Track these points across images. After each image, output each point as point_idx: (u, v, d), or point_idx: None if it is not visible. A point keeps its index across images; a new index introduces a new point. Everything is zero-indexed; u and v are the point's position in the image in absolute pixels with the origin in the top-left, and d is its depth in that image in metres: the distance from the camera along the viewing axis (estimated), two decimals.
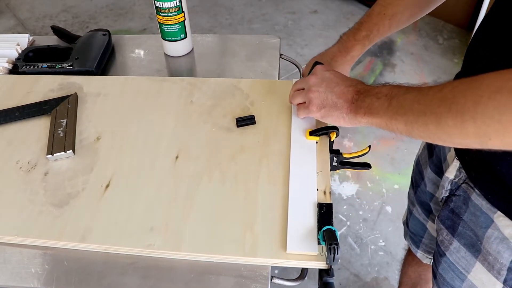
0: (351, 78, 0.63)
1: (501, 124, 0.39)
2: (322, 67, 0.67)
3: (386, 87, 0.55)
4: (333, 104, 0.61)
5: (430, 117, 0.46)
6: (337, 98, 0.61)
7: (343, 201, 1.65)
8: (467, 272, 0.63)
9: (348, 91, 0.60)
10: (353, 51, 0.74)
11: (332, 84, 0.62)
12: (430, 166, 0.74)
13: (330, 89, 0.62)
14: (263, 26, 2.59)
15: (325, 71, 0.65)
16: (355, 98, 0.59)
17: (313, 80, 0.64)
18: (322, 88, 0.62)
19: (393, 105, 0.53)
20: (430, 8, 0.73)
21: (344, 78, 0.63)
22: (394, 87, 0.54)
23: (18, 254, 0.60)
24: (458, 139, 0.45)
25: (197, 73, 0.91)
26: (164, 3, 0.84)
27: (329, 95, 0.62)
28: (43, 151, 0.71)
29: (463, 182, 0.62)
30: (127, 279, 0.56)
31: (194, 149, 0.70)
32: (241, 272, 0.56)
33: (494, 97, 0.39)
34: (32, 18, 2.75)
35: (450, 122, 0.44)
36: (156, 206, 0.62)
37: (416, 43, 2.35)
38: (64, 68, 0.87)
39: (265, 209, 0.61)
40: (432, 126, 0.47)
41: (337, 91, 0.61)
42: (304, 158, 0.66)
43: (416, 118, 0.49)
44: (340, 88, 0.61)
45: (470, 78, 0.43)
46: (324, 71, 0.65)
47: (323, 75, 0.64)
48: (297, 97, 0.68)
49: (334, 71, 0.65)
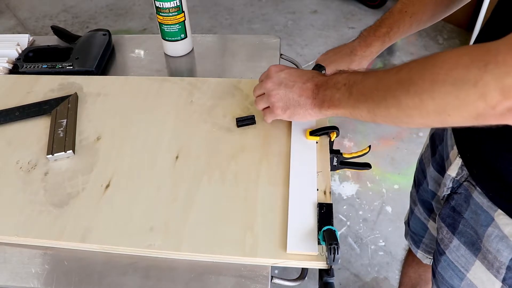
0: (306, 71, 0.64)
1: (458, 100, 0.40)
2: (275, 68, 0.66)
3: (342, 76, 0.56)
4: (296, 103, 0.61)
5: (390, 101, 0.47)
6: (298, 96, 0.61)
7: (343, 201, 1.65)
8: (466, 271, 0.63)
9: (307, 87, 0.60)
10: (373, 47, 0.74)
11: (290, 84, 0.62)
12: (432, 165, 0.74)
13: (289, 89, 0.62)
14: (263, 26, 2.59)
15: (278, 71, 0.65)
16: (315, 92, 0.59)
17: (270, 85, 0.64)
18: (281, 90, 0.62)
19: (353, 94, 0.53)
20: (452, 9, 0.72)
21: (299, 73, 0.63)
22: (350, 75, 0.55)
23: (18, 254, 0.60)
24: (419, 119, 0.46)
25: (197, 73, 0.91)
26: (164, 3, 0.84)
27: (290, 95, 0.62)
28: (43, 151, 0.71)
29: (464, 180, 0.62)
30: (127, 279, 0.56)
31: (194, 149, 0.70)
32: (241, 272, 0.56)
33: (450, 73, 0.40)
34: (32, 18, 2.75)
35: (410, 103, 0.45)
36: (156, 206, 0.62)
37: (416, 43, 2.35)
38: (64, 68, 0.87)
39: (265, 209, 0.61)
40: (393, 110, 0.47)
41: (296, 89, 0.61)
42: (304, 158, 0.66)
43: (378, 104, 0.49)
44: (299, 85, 0.61)
45: (424, 58, 0.44)
46: (278, 72, 0.64)
47: (278, 77, 0.64)
48: (260, 102, 0.67)
49: (287, 70, 0.65)
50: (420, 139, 1.80)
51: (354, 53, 0.75)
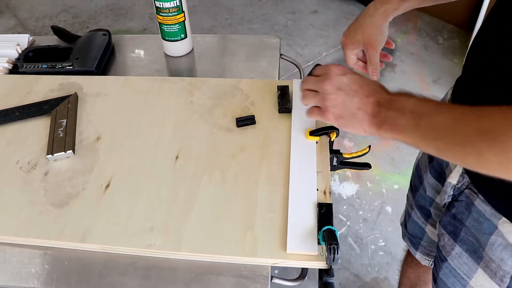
0: (369, 81, 0.58)
1: None
2: (337, 70, 0.60)
3: (410, 102, 0.50)
4: (352, 115, 0.56)
5: (468, 149, 0.43)
6: (356, 109, 0.55)
7: (343, 201, 1.65)
8: (468, 278, 0.62)
9: (368, 102, 0.54)
10: (389, 3, 0.68)
11: (351, 92, 0.56)
12: (430, 171, 0.73)
13: (348, 98, 0.56)
14: (263, 26, 2.59)
15: (341, 75, 0.58)
16: (376, 111, 0.53)
17: (329, 87, 0.58)
18: (339, 97, 0.57)
19: (422, 125, 0.48)
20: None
21: (362, 83, 0.57)
22: (419, 102, 0.49)
23: (18, 254, 0.60)
24: (500, 173, 0.42)
25: (197, 73, 0.91)
26: (164, 3, 0.84)
27: (348, 104, 0.56)
28: (43, 151, 0.71)
29: (466, 188, 0.61)
30: (127, 279, 0.56)
31: (194, 149, 0.70)
32: (241, 272, 0.56)
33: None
34: (32, 18, 2.74)
35: (492, 158, 0.41)
36: (156, 206, 0.62)
37: (416, 43, 2.35)
38: (64, 68, 0.87)
39: (265, 209, 0.61)
40: (470, 159, 0.44)
41: (356, 101, 0.56)
42: (304, 158, 0.66)
43: (451, 147, 0.45)
44: (359, 97, 0.55)
45: (508, 107, 0.40)
46: (340, 76, 0.58)
47: (339, 81, 0.58)
48: (309, 99, 0.62)
49: (350, 75, 0.59)
50: None
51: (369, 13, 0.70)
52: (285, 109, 0.74)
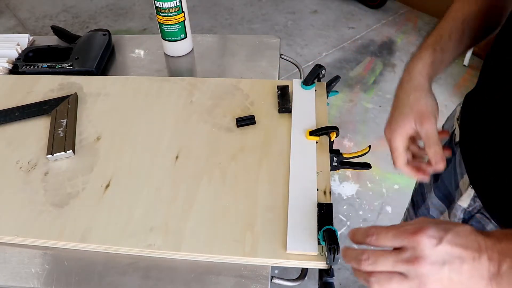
0: (466, 233, 0.41)
1: None
2: (429, 241, 0.41)
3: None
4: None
5: None
6: (468, 278, 0.40)
7: (343, 201, 1.65)
8: None
9: (481, 263, 0.40)
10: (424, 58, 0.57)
11: (456, 261, 0.40)
12: (434, 191, 0.69)
13: (455, 270, 0.40)
14: (263, 26, 2.59)
15: (436, 245, 0.41)
16: (493, 271, 0.39)
17: (428, 268, 0.40)
18: (444, 273, 0.40)
19: None
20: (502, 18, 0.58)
21: (462, 240, 0.41)
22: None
23: (18, 254, 0.60)
24: None
25: (197, 73, 0.91)
26: (164, 3, 0.84)
27: (456, 278, 0.40)
28: (43, 151, 0.71)
29: (477, 212, 0.57)
30: (127, 279, 0.56)
31: (194, 149, 0.70)
32: (241, 272, 0.56)
33: None
34: (32, 18, 2.75)
35: None
36: (156, 206, 0.62)
37: (416, 43, 2.35)
38: (64, 68, 0.87)
39: (265, 209, 0.61)
40: None
41: (466, 268, 0.40)
42: (304, 158, 0.66)
43: None
44: (469, 262, 0.40)
45: None
46: (435, 246, 0.41)
47: (438, 253, 0.40)
48: (383, 261, 0.42)
49: (446, 237, 0.41)
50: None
51: (412, 78, 0.56)
52: (285, 109, 0.74)
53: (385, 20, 2.53)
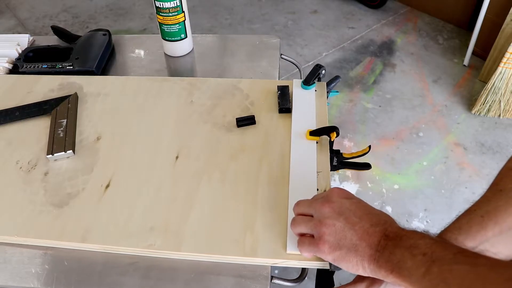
0: (378, 212, 0.49)
1: None
2: (340, 193, 0.51)
3: (424, 240, 0.42)
4: (351, 247, 0.46)
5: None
6: (358, 239, 0.46)
7: None
8: None
9: (374, 231, 0.46)
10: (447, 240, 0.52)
11: (353, 219, 0.48)
12: None
13: (349, 225, 0.47)
14: (263, 26, 2.59)
15: (343, 198, 0.51)
16: (382, 244, 0.45)
17: (328, 210, 0.49)
18: (339, 222, 0.48)
19: (432, 274, 0.40)
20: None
21: (369, 210, 0.49)
22: (435, 244, 0.42)
23: (18, 254, 0.60)
24: None
25: (197, 73, 0.91)
26: (164, 3, 0.84)
27: (348, 233, 0.47)
28: (43, 151, 0.71)
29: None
30: (127, 279, 0.56)
31: (194, 149, 0.70)
32: (241, 272, 0.56)
33: None
34: (32, 18, 2.74)
35: None
36: (156, 206, 0.62)
37: (416, 43, 2.35)
38: (64, 68, 0.87)
39: (265, 209, 0.61)
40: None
41: (358, 230, 0.47)
42: (304, 158, 0.66)
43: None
44: (363, 226, 0.47)
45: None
46: (342, 198, 0.50)
47: (341, 204, 0.49)
48: (301, 225, 0.52)
49: (355, 200, 0.51)
50: (420, 139, 1.80)
51: None
52: (285, 109, 0.74)
53: (385, 20, 2.53)
